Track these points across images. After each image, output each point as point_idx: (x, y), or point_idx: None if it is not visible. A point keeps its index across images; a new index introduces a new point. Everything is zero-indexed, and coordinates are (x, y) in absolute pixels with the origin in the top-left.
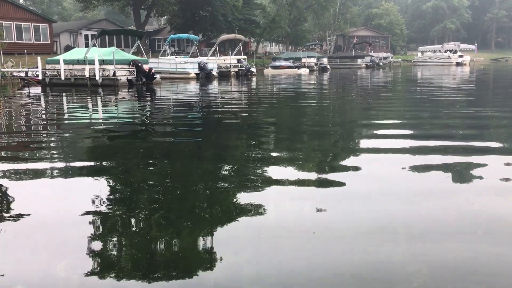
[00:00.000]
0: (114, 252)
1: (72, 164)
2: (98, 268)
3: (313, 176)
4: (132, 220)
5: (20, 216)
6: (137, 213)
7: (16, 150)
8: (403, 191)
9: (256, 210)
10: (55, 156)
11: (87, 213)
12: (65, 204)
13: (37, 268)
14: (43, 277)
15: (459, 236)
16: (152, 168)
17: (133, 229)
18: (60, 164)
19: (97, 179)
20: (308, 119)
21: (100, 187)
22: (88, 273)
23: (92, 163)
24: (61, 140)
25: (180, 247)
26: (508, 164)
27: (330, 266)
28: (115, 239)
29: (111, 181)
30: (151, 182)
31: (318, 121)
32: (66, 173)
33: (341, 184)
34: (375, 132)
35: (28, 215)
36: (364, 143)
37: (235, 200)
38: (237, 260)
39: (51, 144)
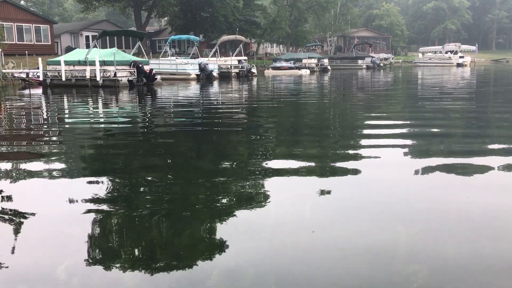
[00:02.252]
0: (115, 251)
1: (73, 163)
2: (99, 267)
3: (313, 175)
4: (133, 219)
5: (21, 216)
6: (138, 212)
7: (18, 151)
8: (403, 190)
9: (256, 209)
10: (56, 156)
11: (89, 212)
12: (66, 203)
13: (38, 269)
14: (44, 277)
15: (459, 236)
16: (152, 167)
17: (134, 228)
18: (62, 164)
19: (98, 178)
20: (309, 119)
21: (101, 186)
22: (89, 273)
23: (93, 163)
24: (63, 140)
25: (181, 246)
26: (508, 162)
27: (330, 266)
28: (115, 238)
29: (112, 180)
30: (152, 182)
31: (319, 120)
32: (68, 172)
33: (341, 183)
34: (376, 131)
35: (30, 215)
36: (365, 143)
37: (235, 199)
38: (238, 260)
39: (52, 145)
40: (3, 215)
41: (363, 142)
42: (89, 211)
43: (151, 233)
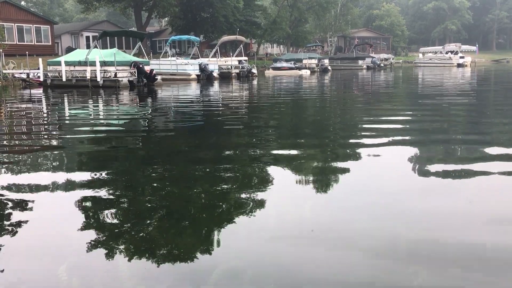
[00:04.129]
0: (115, 252)
1: (73, 164)
2: (99, 268)
3: (313, 175)
4: (133, 222)
5: (22, 217)
6: (138, 215)
7: (18, 153)
8: (404, 190)
9: (256, 209)
10: (56, 156)
11: (89, 212)
12: (66, 203)
13: (39, 269)
14: (44, 279)
15: (460, 236)
16: (152, 170)
17: (134, 231)
18: (62, 164)
19: (99, 179)
20: (310, 119)
21: (102, 187)
22: (89, 274)
23: (94, 165)
24: (63, 141)
25: (181, 246)
26: (509, 163)
27: (330, 266)
28: (116, 238)
29: (113, 180)
30: (152, 184)
31: (320, 120)
32: (68, 173)
33: (341, 184)
34: (376, 131)
35: (30, 215)
36: (365, 143)
37: (235, 199)
38: (238, 260)
39: (52, 145)
40: (3, 216)
41: (363, 142)
42: (89, 211)
43: (151, 233)
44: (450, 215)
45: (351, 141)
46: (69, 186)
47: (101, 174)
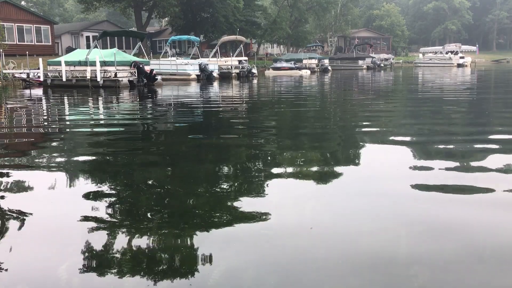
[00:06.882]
0: (115, 254)
1: (74, 165)
2: (99, 269)
3: (314, 176)
4: (133, 222)
5: (21, 217)
6: (138, 215)
7: (18, 152)
8: (404, 190)
9: (256, 208)
10: (56, 157)
11: (88, 214)
12: (66, 206)
13: (39, 269)
14: (44, 278)
15: (461, 237)
16: (153, 170)
17: (134, 230)
18: (62, 165)
19: (98, 181)
20: (310, 120)
21: (101, 189)
22: (89, 275)
23: (93, 165)
24: (63, 141)
25: (181, 246)
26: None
27: (331, 266)
28: (115, 241)
29: (112, 183)
30: (152, 184)
31: (320, 121)
32: (68, 174)
33: (342, 184)
34: (377, 131)
35: (30, 216)
36: (366, 143)
37: (235, 199)
38: (238, 261)
39: (52, 146)
40: (3, 216)
41: (364, 142)
42: (88, 214)
43: (150, 235)
44: (451, 216)
45: (351, 141)
46: (69, 185)
47: (101, 175)
